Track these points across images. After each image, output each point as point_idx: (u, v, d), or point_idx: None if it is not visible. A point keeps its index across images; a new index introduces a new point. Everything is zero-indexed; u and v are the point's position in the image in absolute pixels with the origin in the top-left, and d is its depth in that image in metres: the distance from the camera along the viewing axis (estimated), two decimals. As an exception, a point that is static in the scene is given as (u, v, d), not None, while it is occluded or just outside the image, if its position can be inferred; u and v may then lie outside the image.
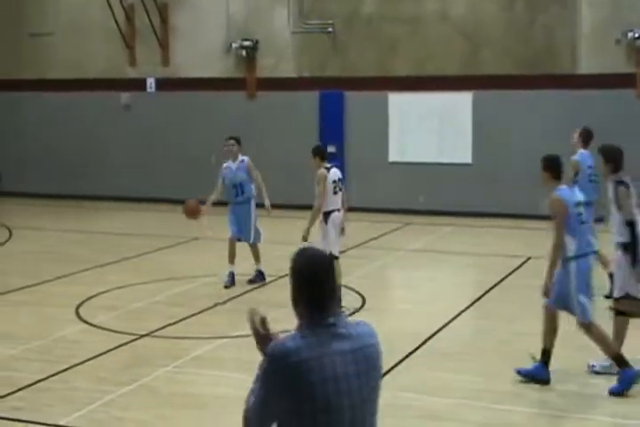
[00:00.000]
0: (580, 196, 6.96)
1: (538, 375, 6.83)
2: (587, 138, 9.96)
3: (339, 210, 9.22)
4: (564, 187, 6.92)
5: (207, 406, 6.63)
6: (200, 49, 17.18)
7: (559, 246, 6.70)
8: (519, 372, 6.90)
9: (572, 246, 6.72)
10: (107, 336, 8.38)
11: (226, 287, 10.06)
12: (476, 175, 15.35)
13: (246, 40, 16.65)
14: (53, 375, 7.20)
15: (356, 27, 16.22)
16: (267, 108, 16.68)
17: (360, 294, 9.91)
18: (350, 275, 10.73)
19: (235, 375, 7.17)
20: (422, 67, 15.82)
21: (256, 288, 10.29)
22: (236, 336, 8.36)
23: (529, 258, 11.59)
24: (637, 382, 6.69)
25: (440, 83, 15.55)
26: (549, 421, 6.38)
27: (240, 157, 10.32)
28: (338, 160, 16.40)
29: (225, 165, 10.37)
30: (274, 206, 10.47)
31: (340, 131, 16.39)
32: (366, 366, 2.93)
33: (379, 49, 16.07)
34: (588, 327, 6.74)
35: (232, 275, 10.17)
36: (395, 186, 15.91)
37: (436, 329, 8.29)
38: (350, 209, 16.45)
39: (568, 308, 6.79)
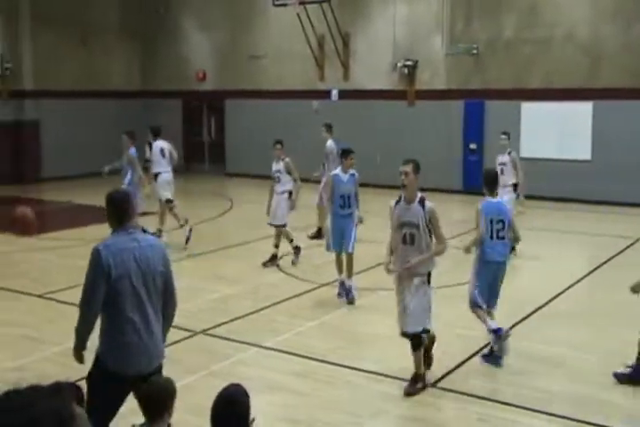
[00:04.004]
0: None
1: None
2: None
3: None
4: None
5: (366, 339, 6.65)
6: (372, 67, 17.02)
7: None
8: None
9: None
10: (297, 283, 8.54)
11: (339, 295, 7.86)
12: (595, 169, 14.41)
13: (408, 60, 16.32)
14: (259, 310, 7.41)
15: (496, 48, 15.49)
16: (423, 113, 16.33)
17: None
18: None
19: (386, 319, 7.12)
20: (550, 80, 14.86)
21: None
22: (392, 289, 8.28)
23: (638, 239, 10.73)
24: None
25: (565, 94, 14.57)
26: None
27: (351, 171, 7.84)
28: (477, 155, 15.91)
29: (335, 172, 7.93)
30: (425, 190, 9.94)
31: (481, 132, 15.75)
32: (147, 259, 3.68)
33: (514, 66, 15.25)
34: None
35: (343, 284, 7.80)
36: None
37: (557, 293, 7.85)
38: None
39: None
